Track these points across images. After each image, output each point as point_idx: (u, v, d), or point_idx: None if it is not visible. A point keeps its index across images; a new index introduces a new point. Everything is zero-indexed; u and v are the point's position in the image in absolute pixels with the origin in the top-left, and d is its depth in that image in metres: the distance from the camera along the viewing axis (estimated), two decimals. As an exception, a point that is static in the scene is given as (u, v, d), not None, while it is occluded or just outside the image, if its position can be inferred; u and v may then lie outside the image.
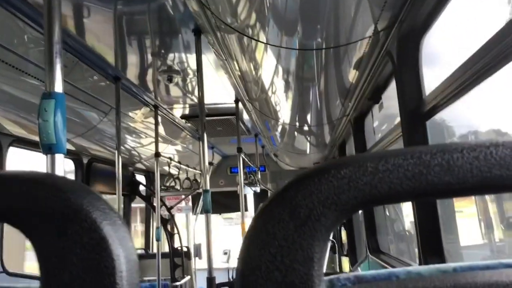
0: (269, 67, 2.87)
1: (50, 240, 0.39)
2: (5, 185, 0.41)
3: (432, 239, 2.07)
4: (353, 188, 0.38)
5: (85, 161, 5.39)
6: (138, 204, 7.35)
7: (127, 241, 0.41)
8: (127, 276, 0.40)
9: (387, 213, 4.20)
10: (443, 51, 2.42)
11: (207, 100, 3.63)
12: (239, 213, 5.33)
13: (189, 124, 5.60)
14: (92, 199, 0.40)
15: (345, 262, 6.20)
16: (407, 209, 3.58)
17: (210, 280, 3.24)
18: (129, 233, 0.42)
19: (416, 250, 2.24)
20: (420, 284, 0.39)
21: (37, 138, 1.54)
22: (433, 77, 2.14)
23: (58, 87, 1.52)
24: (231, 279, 6.96)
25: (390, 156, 0.38)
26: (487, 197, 2.45)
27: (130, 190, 6.48)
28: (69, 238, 0.39)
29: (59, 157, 1.47)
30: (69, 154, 5.04)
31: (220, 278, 3.40)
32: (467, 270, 0.44)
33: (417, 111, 2.16)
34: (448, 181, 0.38)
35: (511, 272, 0.40)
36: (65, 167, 1.48)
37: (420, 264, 2.14)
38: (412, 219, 2.25)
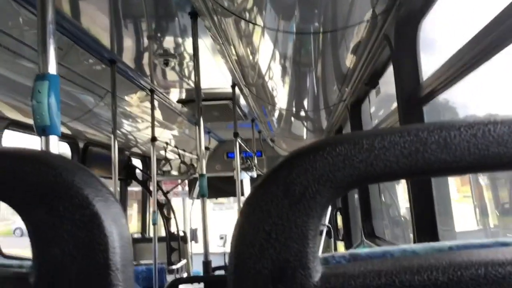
0: (266, 52, 2.85)
1: (41, 217, 0.38)
2: None
3: (426, 222, 2.08)
4: (349, 165, 0.37)
5: (81, 145, 5.37)
6: (133, 188, 7.36)
7: (120, 218, 0.41)
8: (120, 253, 0.39)
9: (383, 199, 4.21)
10: (441, 36, 2.41)
11: (204, 84, 3.61)
12: (230, 198, 5.34)
13: (185, 109, 5.58)
14: (83, 176, 0.40)
15: (340, 246, 6.23)
16: (402, 194, 3.60)
17: (206, 264, 3.25)
18: (122, 210, 0.42)
19: (411, 235, 2.25)
20: (415, 262, 0.39)
21: (32, 121, 1.53)
22: (430, 61, 2.13)
23: (52, 68, 1.50)
24: (227, 263, 6.98)
25: (387, 133, 0.38)
26: (482, 183, 2.46)
27: (127, 174, 6.49)
28: (60, 214, 0.38)
29: (53, 138, 1.46)
30: (65, 138, 5.03)
31: (216, 262, 3.42)
32: (463, 248, 0.44)
33: (414, 96, 2.15)
34: (444, 159, 0.37)
35: (507, 250, 0.40)
36: (61, 151, 1.47)
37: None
38: (408, 204, 2.26)
